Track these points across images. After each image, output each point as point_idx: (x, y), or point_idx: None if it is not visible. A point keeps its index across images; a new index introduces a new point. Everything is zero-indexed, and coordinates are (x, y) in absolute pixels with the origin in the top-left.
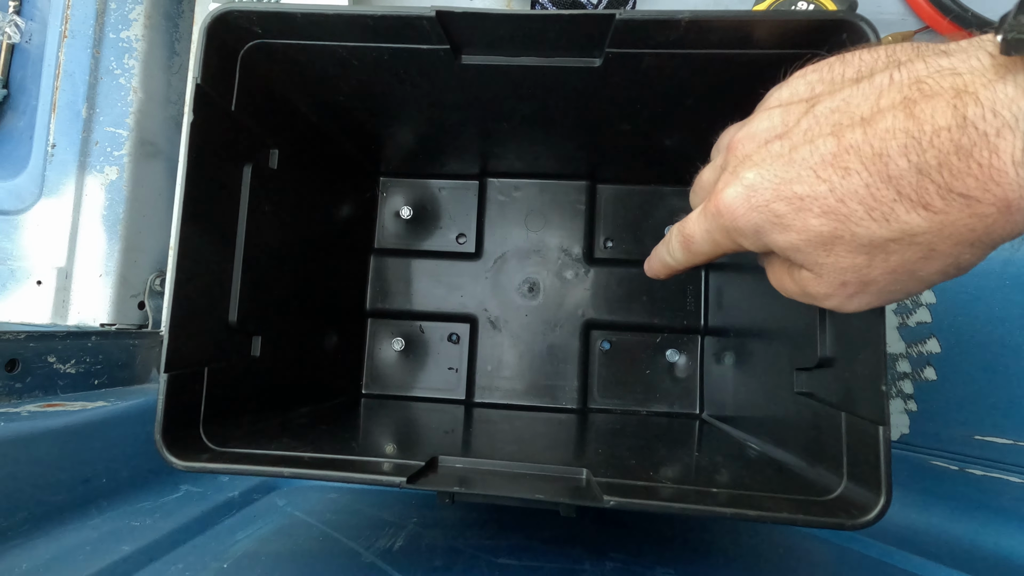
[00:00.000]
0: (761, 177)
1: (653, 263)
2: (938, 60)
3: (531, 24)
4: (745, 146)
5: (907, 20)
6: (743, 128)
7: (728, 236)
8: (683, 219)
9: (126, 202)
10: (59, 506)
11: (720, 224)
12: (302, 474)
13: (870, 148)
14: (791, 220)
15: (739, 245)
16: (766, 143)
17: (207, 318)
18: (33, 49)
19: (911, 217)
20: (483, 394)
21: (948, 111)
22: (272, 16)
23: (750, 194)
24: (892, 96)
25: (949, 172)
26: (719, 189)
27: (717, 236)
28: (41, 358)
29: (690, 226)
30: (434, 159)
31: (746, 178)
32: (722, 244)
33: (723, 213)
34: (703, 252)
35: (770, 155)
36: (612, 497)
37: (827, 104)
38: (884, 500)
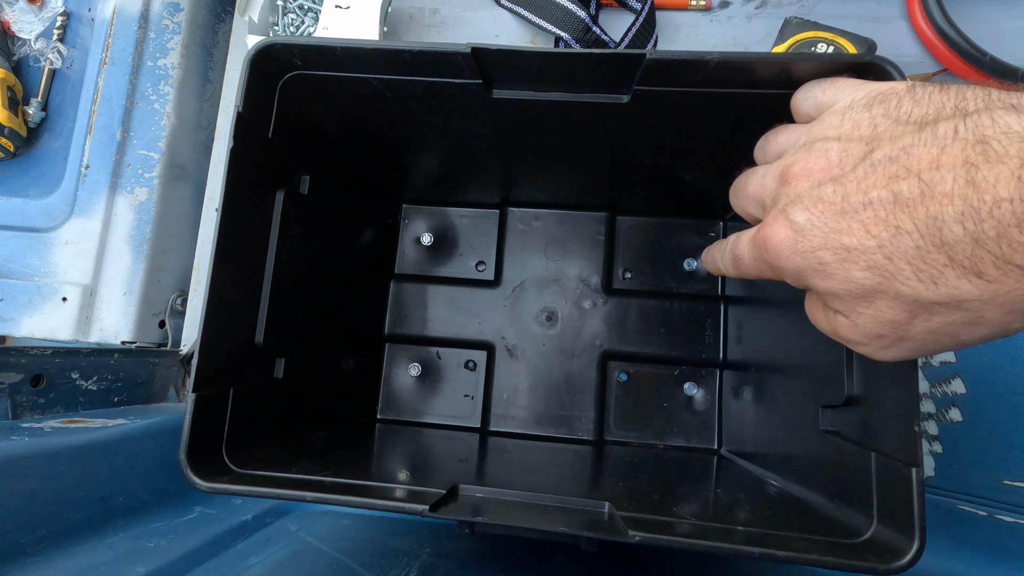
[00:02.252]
0: (811, 223)
1: (708, 260)
2: (1007, 118)
3: (563, 62)
4: (799, 184)
5: (925, 62)
6: (799, 158)
7: (771, 269)
8: (741, 233)
9: (153, 222)
10: (77, 524)
11: (765, 258)
12: (324, 499)
13: (925, 211)
14: (835, 269)
15: (781, 278)
16: (819, 184)
17: (235, 339)
18: (73, 74)
19: (962, 284)
20: (498, 422)
21: (1012, 182)
22: (313, 49)
23: (798, 238)
24: (954, 154)
25: (1008, 244)
26: (768, 224)
27: (762, 266)
28: (65, 374)
29: (741, 247)
30: (457, 187)
31: (796, 222)
32: (766, 273)
33: (769, 250)
34: (749, 273)
35: (823, 200)
36: (637, 532)
37: (886, 151)
38: (918, 544)
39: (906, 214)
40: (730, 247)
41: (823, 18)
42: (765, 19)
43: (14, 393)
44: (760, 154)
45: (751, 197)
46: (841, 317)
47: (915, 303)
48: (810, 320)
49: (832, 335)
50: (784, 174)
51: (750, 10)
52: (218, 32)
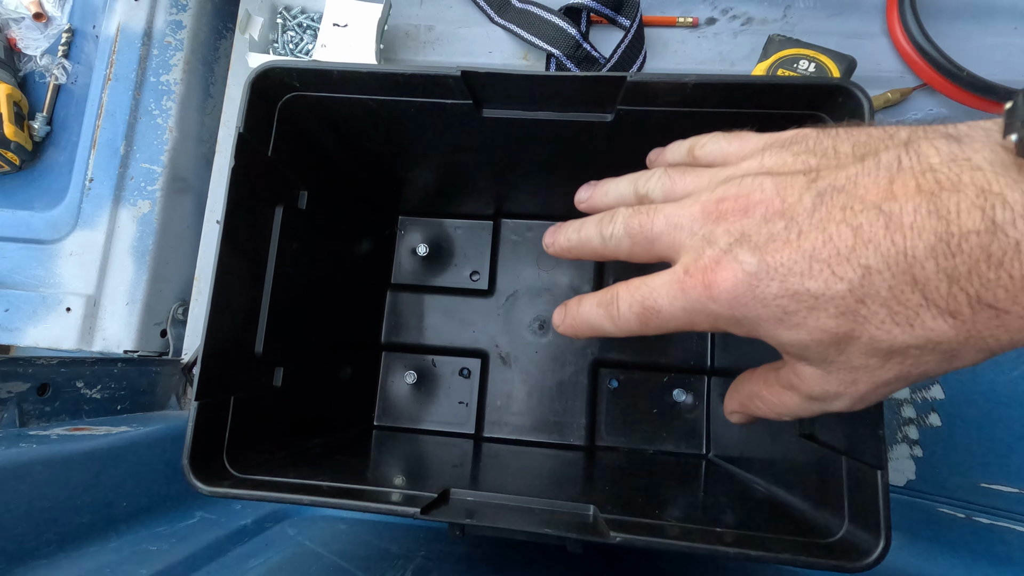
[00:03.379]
0: (765, 265)
1: (576, 323)
2: (948, 146)
3: (549, 84)
4: (739, 221)
5: (906, 78)
6: (728, 193)
7: (712, 320)
8: (636, 282)
9: (155, 234)
10: (83, 528)
11: (707, 307)
12: (320, 502)
13: (893, 246)
14: (801, 319)
15: (719, 329)
16: (766, 220)
17: (236, 349)
18: (78, 90)
19: (938, 324)
20: (492, 429)
21: (975, 213)
22: (310, 72)
23: (753, 283)
24: (906, 183)
25: (979, 281)
26: (706, 267)
27: (697, 316)
28: (70, 383)
29: (657, 297)
30: (451, 200)
31: (747, 263)
32: (698, 325)
33: (716, 298)
34: (669, 328)
35: (773, 238)
36: (618, 533)
37: (830, 180)
38: (884, 543)
39: (872, 251)
40: (627, 299)
41: (806, 35)
42: (750, 36)
43: (21, 402)
44: (639, 194)
45: (653, 234)
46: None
47: (890, 349)
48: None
49: (805, 396)
50: (712, 210)
51: (736, 27)
52: (219, 48)
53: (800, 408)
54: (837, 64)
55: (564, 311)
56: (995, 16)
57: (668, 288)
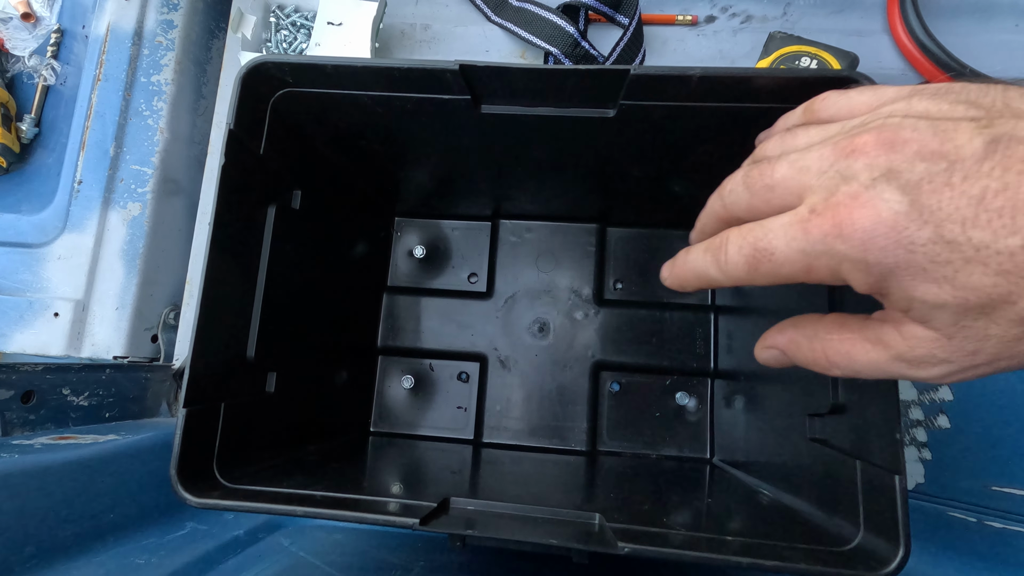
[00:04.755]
0: (919, 206)
1: (683, 272)
2: None
3: (550, 78)
4: (885, 155)
5: (907, 75)
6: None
7: (834, 264)
8: (751, 224)
9: (146, 237)
10: (66, 541)
11: (833, 248)
12: (314, 513)
13: None
14: (951, 272)
15: (839, 278)
16: (919, 157)
17: (226, 354)
18: (67, 91)
19: None
20: (491, 434)
21: None
22: (304, 67)
23: (901, 224)
24: None
25: None
26: (841, 203)
27: (817, 261)
28: (56, 390)
29: (772, 238)
30: (449, 200)
31: (895, 201)
32: (816, 272)
33: (848, 236)
34: (780, 275)
35: (930, 178)
36: (627, 544)
37: (1006, 129)
38: (903, 552)
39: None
40: (737, 242)
41: (807, 32)
42: (750, 33)
43: (4, 410)
44: (773, 146)
45: (777, 184)
46: (924, 331)
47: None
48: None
49: (896, 356)
50: (846, 146)
51: (736, 25)
52: (211, 48)
53: (879, 367)
54: (839, 61)
55: (672, 263)
56: (996, 13)
57: (787, 228)
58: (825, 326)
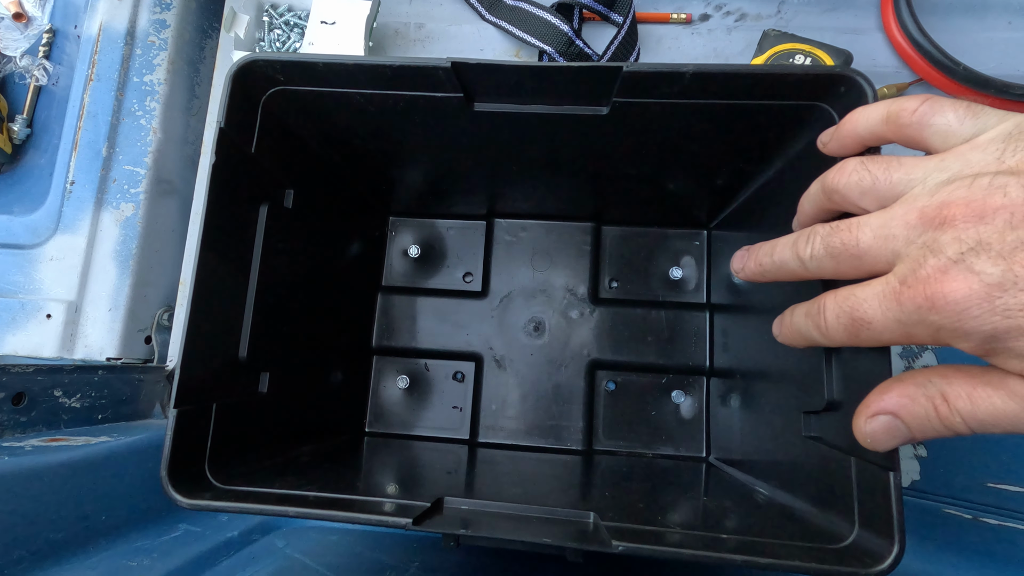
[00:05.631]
0: (1013, 275)
1: (789, 333)
2: None
3: (541, 75)
4: (975, 228)
5: (901, 72)
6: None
7: (933, 332)
8: (845, 292)
9: (139, 238)
10: (57, 544)
11: (928, 319)
12: (307, 514)
13: None
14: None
15: (942, 342)
16: (1011, 227)
17: (218, 354)
18: (59, 91)
19: None
20: (487, 434)
21: None
22: (294, 65)
23: (994, 294)
24: None
25: None
26: (931, 276)
27: (915, 330)
28: (47, 392)
29: (868, 308)
30: (443, 199)
31: (987, 273)
32: (917, 338)
33: (941, 308)
34: (880, 341)
35: (1023, 245)
36: (621, 542)
37: None
38: (898, 548)
39: None
40: (835, 310)
41: (800, 30)
42: (744, 31)
43: None
44: (833, 197)
45: (860, 250)
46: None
47: None
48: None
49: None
50: (933, 216)
51: (730, 23)
52: (205, 48)
53: (1012, 417)
54: (833, 59)
55: (780, 321)
56: (989, 11)
57: (881, 299)
58: (940, 373)
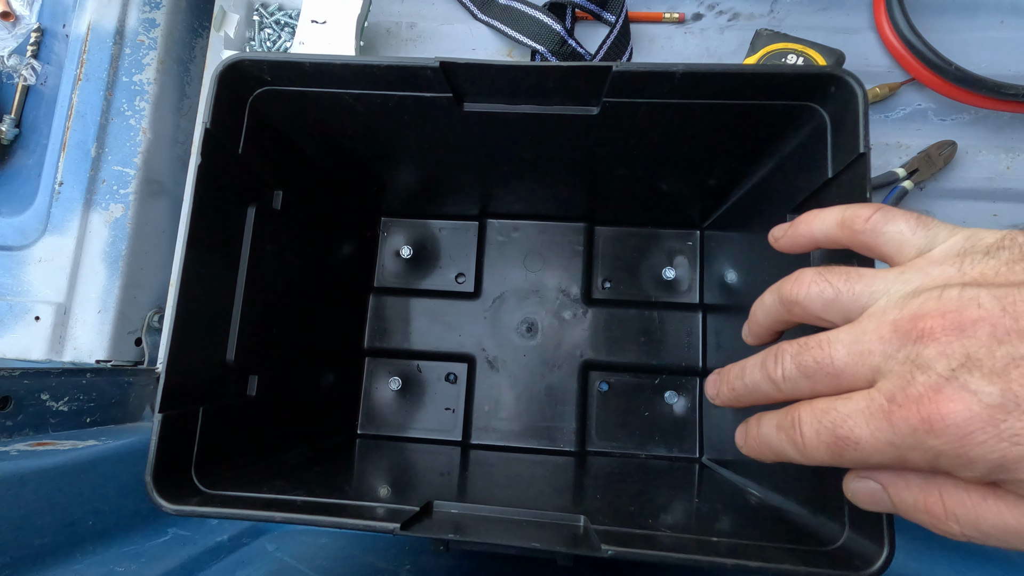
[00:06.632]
0: (1013, 396)
1: (757, 446)
2: None
3: (531, 75)
4: (958, 341)
5: (893, 72)
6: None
7: (931, 457)
8: (823, 405)
9: (129, 239)
10: (42, 550)
11: (926, 443)
12: (294, 519)
13: None
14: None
15: (938, 469)
16: (996, 341)
17: (205, 357)
18: (47, 91)
19: None
20: (480, 435)
21: None
22: (282, 65)
23: (997, 417)
24: None
25: None
26: (924, 395)
27: (910, 453)
28: (34, 395)
29: (853, 427)
30: (435, 200)
31: (985, 393)
32: (911, 462)
33: (940, 432)
34: (871, 464)
35: (1016, 361)
36: (610, 546)
37: None
38: (888, 551)
39: None
40: (814, 425)
41: (793, 30)
42: (737, 31)
43: None
44: (793, 310)
45: (835, 369)
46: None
47: None
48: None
49: None
50: (908, 329)
51: (722, 22)
52: (195, 47)
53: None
54: (826, 58)
55: (745, 430)
56: (981, 10)
57: (868, 418)
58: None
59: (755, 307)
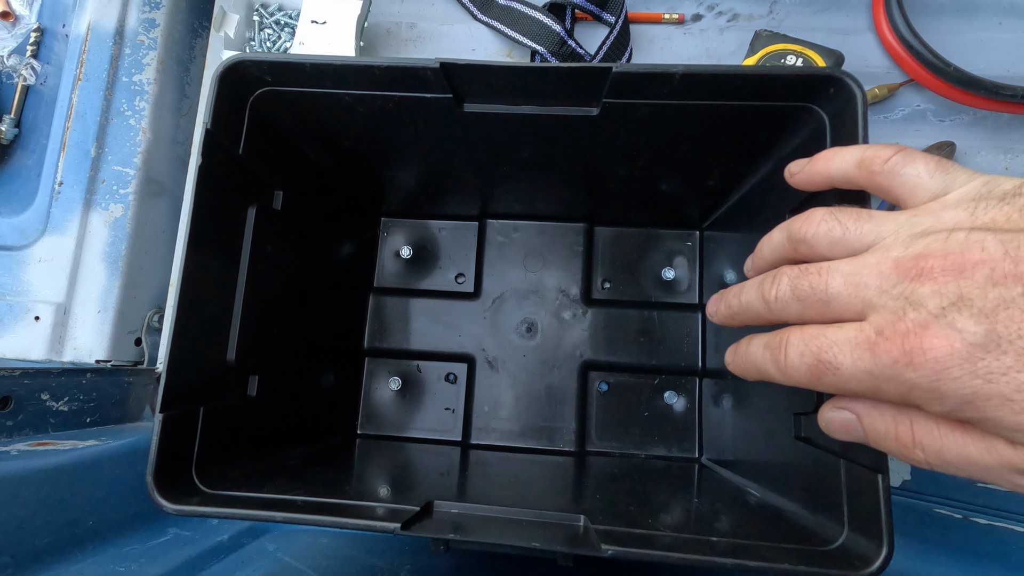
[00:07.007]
0: (996, 336)
1: (743, 363)
2: None
3: (531, 76)
4: (954, 282)
5: (892, 73)
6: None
7: (905, 389)
8: (814, 330)
9: (129, 239)
10: (43, 550)
11: (902, 376)
12: (294, 519)
13: None
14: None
15: (910, 401)
16: (992, 283)
17: (205, 357)
18: (47, 91)
19: None
20: (479, 435)
21: None
22: (282, 65)
23: (976, 355)
24: None
25: None
26: (911, 331)
27: (885, 384)
28: (34, 395)
29: (837, 353)
30: (435, 200)
31: (970, 332)
32: (884, 393)
33: (919, 366)
34: (845, 390)
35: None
36: (610, 546)
37: None
38: (886, 551)
39: None
40: (799, 348)
41: (792, 31)
42: (737, 32)
43: None
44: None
45: (828, 295)
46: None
47: None
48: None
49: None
50: (909, 267)
51: (722, 23)
52: (195, 47)
53: (983, 469)
54: (825, 59)
55: (735, 349)
56: (980, 11)
57: (853, 346)
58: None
59: (762, 243)
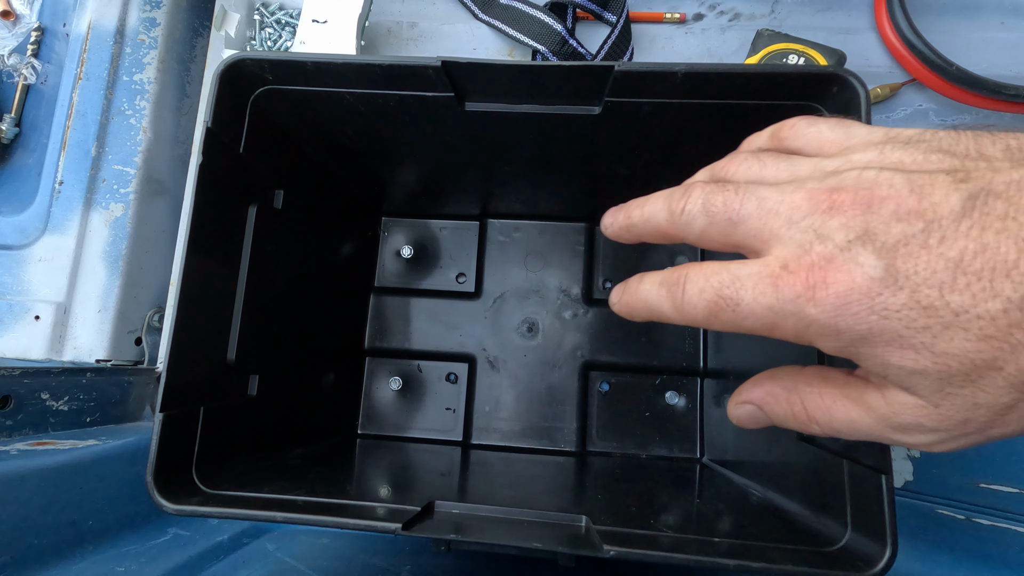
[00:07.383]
0: (894, 271)
1: (633, 301)
2: None
3: (532, 74)
4: (862, 216)
5: (894, 72)
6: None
7: (802, 326)
8: (714, 266)
9: (129, 238)
10: (43, 550)
11: (803, 311)
12: (295, 519)
13: None
14: (929, 338)
15: (805, 340)
16: (896, 218)
17: (206, 357)
18: (48, 90)
19: None
20: (480, 435)
21: None
22: (283, 64)
23: (875, 290)
24: None
25: None
26: (816, 264)
27: (784, 320)
28: (34, 395)
29: (738, 287)
30: (436, 199)
31: (870, 266)
32: (780, 330)
33: (820, 301)
34: (742, 327)
35: (906, 240)
36: (612, 547)
37: (983, 184)
38: (890, 552)
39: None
40: (699, 284)
41: (794, 30)
42: (738, 31)
43: None
44: (737, 168)
45: (739, 216)
46: (909, 398)
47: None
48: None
49: (880, 419)
50: (822, 200)
51: (723, 23)
52: (196, 46)
53: (861, 429)
54: (827, 59)
55: (623, 287)
56: (982, 11)
57: (756, 281)
58: (806, 379)
59: (685, 182)
